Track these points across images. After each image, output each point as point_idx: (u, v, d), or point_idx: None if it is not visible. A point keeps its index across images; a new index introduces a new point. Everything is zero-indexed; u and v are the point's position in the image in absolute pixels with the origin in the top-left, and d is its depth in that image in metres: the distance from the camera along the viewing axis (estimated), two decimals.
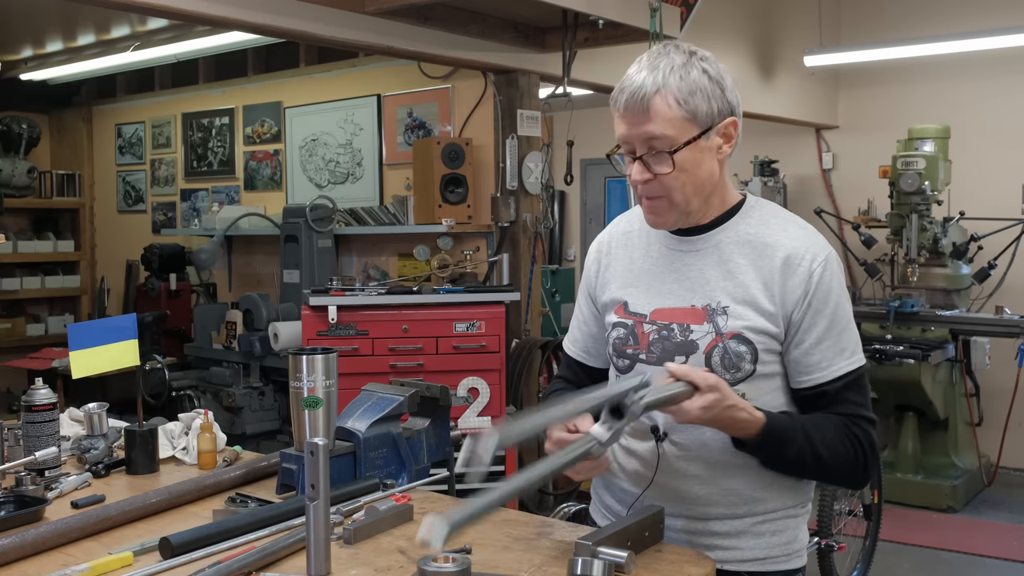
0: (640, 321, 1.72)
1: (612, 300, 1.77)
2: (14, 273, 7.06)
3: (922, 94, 6.77)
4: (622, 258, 1.80)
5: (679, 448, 1.68)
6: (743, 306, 1.63)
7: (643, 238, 1.78)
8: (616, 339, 1.75)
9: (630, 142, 1.64)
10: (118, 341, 2.18)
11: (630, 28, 4.16)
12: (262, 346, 5.06)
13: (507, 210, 4.67)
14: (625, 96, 1.61)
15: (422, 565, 1.43)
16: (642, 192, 1.66)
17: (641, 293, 1.73)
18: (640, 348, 1.71)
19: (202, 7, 3.39)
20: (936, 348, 5.37)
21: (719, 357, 1.63)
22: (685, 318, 1.67)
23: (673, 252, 1.72)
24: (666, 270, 1.72)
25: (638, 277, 1.75)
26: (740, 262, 1.66)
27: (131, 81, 7.22)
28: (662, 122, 1.59)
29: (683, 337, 1.66)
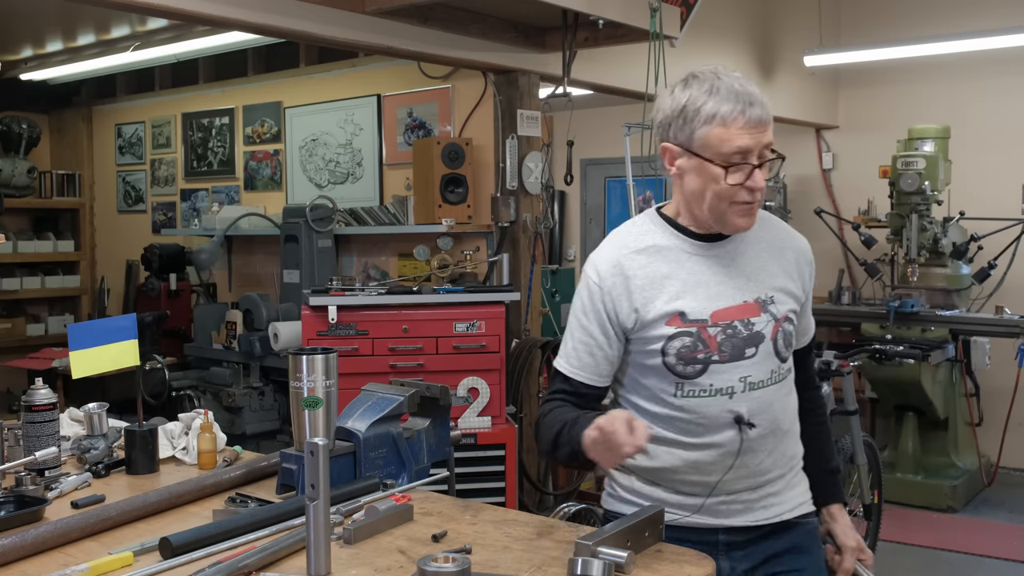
0: (703, 326, 1.82)
1: (662, 315, 1.83)
2: (14, 273, 7.06)
3: (922, 94, 6.77)
4: (652, 275, 1.85)
5: (760, 428, 1.84)
6: (781, 292, 1.88)
7: (665, 252, 1.87)
8: (681, 348, 1.82)
9: (754, 151, 1.76)
10: (118, 341, 2.18)
11: (630, 28, 4.16)
12: (262, 346, 5.06)
13: (507, 210, 4.66)
14: (757, 109, 1.75)
15: (422, 565, 1.43)
16: (751, 198, 1.78)
17: (695, 301, 1.83)
18: (711, 350, 1.81)
19: (202, 7, 3.39)
20: (936, 348, 5.37)
21: (781, 339, 1.86)
22: (743, 313, 1.84)
23: (707, 258, 1.86)
24: (708, 274, 1.85)
25: (682, 288, 1.84)
26: (763, 256, 1.89)
27: (131, 81, 7.22)
28: (771, 131, 1.78)
29: (747, 331, 1.83)
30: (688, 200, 1.84)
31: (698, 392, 1.82)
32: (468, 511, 1.90)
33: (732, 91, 1.75)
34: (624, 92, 5.11)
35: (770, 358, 1.84)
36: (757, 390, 1.83)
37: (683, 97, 1.78)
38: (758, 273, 1.87)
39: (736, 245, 1.88)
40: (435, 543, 1.71)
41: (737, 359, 1.82)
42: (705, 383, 1.82)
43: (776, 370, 1.86)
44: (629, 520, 1.66)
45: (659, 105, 1.85)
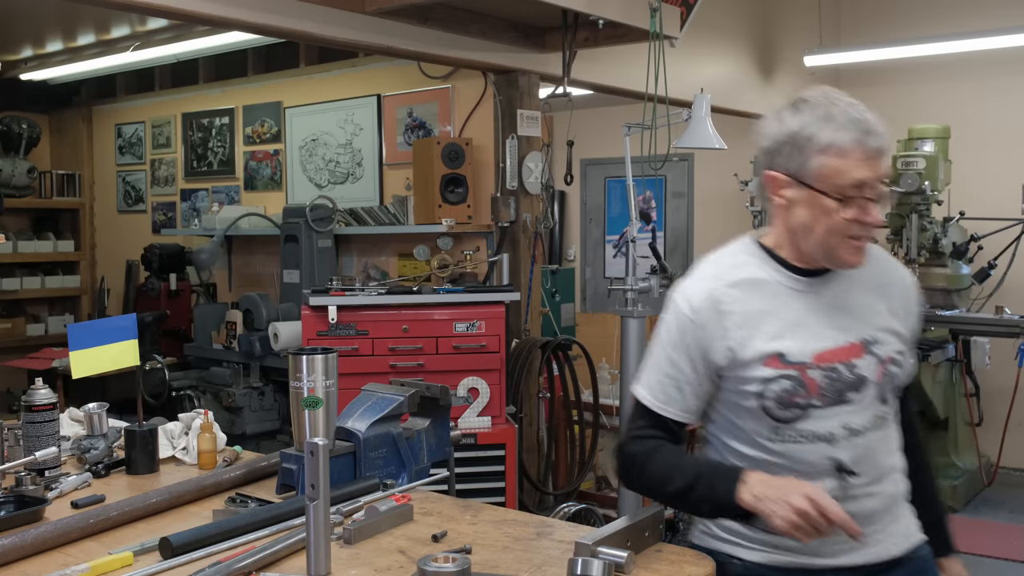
0: (804, 368, 1.70)
1: (759, 355, 1.71)
2: (14, 273, 7.06)
3: (922, 94, 6.77)
4: (749, 312, 1.74)
5: (865, 478, 1.72)
6: (885, 333, 1.76)
7: (760, 288, 1.75)
8: (782, 392, 1.70)
9: (872, 184, 1.65)
10: (118, 341, 2.19)
11: (630, 28, 4.16)
12: (262, 346, 5.06)
13: (507, 210, 4.66)
14: (879, 139, 1.64)
15: (422, 565, 1.43)
16: (864, 232, 1.68)
17: (794, 341, 1.71)
18: (811, 395, 1.70)
19: (202, 7, 3.39)
20: (936, 348, 5.37)
21: (888, 384, 1.74)
22: (846, 356, 1.72)
23: (809, 295, 1.75)
24: (809, 313, 1.74)
25: (784, 326, 1.73)
26: (869, 294, 1.78)
27: (131, 81, 7.22)
28: (887, 161, 1.69)
29: (850, 374, 1.71)
30: (794, 232, 1.72)
31: (796, 438, 1.71)
32: (468, 511, 1.90)
33: (849, 118, 1.64)
34: (624, 92, 5.11)
35: (873, 403, 1.73)
36: (859, 436, 1.71)
37: (794, 123, 1.67)
38: (863, 312, 1.75)
39: (840, 282, 1.76)
40: (435, 543, 1.71)
41: (838, 404, 1.70)
42: (804, 428, 1.71)
43: (879, 414, 1.74)
44: (629, 520, 1.66)
45: (764, 130, 1.75)
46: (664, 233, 7.99)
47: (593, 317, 7.83)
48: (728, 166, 6.95)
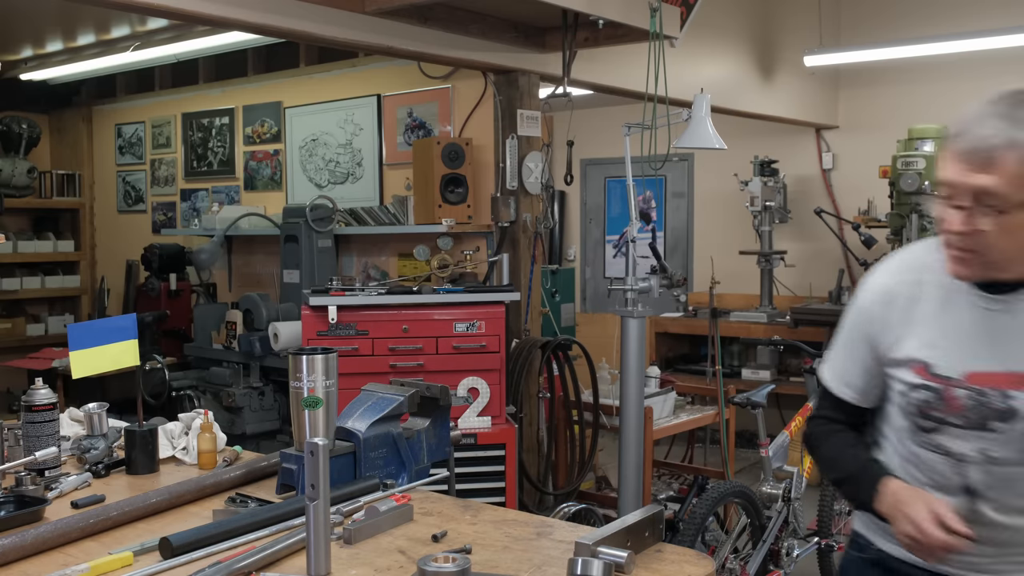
0: (949, 385, 1.63)
1: (909, 359, 1.67)
2: (14, 273, 7.06)
3: (922, 94, 6.77)
4: (916, 311, 1.68)
5: (997, 504, 1.64)
6: None
7: (939, 290, 1.66)
8: (921, 402, 1.66)
9: (957, 187, 1.52)
10: (118, 341, 2.19)
11: (630, 28, 4.15)
12: (262, 346, 5.06)
13: (507, 210, 4.66)
14: (970, 140, 1.51)
15: (422, 565, 1.43)
16: (955, 242, 1.55)
17: (948, 355, 1.63)
18: (950, 412, 1.63)
19: (202, 7, 3.39)
20: None
21: None
22: (1004, 383, 1.59)
23: (983, 311, 1.62)
24: (979, 329, 1.62)
25: (943, 336, 1.64)
26: None
27: (131, 81, 7.22)
28: (1004, 178, 1.47)
29: (1003, 404, 1.59)
30: None
31: (931, 447, 1.68)
32: (468, 511, 1.90)
33: (974, 114, 1.55)
34: (624, 92, 5.11)
35: (1022, 439, 1.59)
36: (1000, 467, 1.61)
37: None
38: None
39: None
40: (435, 543, 1.71)
41: (979, 429, 1.60)
42: (939, 442, 1.66)
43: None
44: (629, 520, 1.66)
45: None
46: (664, 233, 7.99)
47: (593, 317, 7.84)
48: (728, 166, 6.96)
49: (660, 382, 5.02)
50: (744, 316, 6.63)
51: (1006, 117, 1.49)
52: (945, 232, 1.56)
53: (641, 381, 3.87)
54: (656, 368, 5.09)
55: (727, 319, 6.63)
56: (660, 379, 5.05)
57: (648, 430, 4.25)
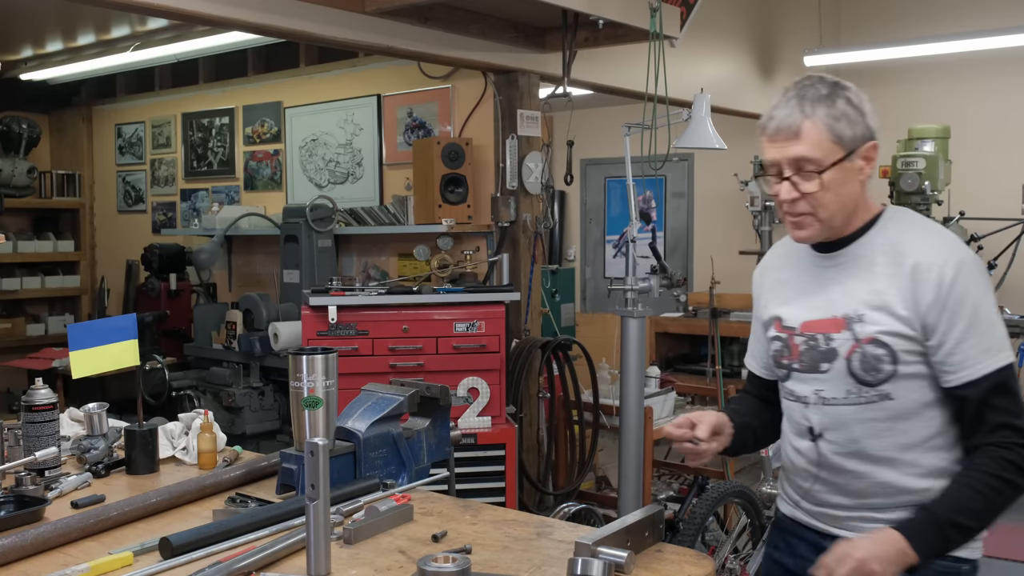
0: (792, 334, 1.89)
1: (771, 317, 1.95)
2: (14, 273, 7.06)
3: (922, 94, 6.77)
4: (778, 279, 1.98)
5: (835, 446, 1.83)
6: (879, 312, 1.76)
7: (794, 258, 1.95)
8: (774, 351, 1.94)
9: (779, 164, 1.78)
10: (118, 341, 2.19)
11: (630, 28, 4.16)
12: (262, 346, 5.06)
13: (507, 210, 4.66)
14: (776, 122, 1.77)
15: (422, 565, 1.43)
16: (788, 209, 1.81)
17: (793, 308, 1.90)
18: (793, 359, 1.89)
19: (202, 7, 3.39)
20: None
21: (858, 361, 1.78)
22: (828, 328, 1.82)
23: (818, 268, 1.88)
24: (813, 285, 1.88)
25: (792, 294, 1.92)
26: (876, 271, 1.79)
27: (131, 81, 7.22)
28: (811, 144, 1.74)
29: (826, 346, 1.82)
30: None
31: (787, 395, 1.93)
32: (468, 511, 1.90)
33: (773, 102, 1.80)
34: (624, 92, 5.11)
35: (844, 377, 1.79)
36: (830, 406, 1.82)
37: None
38: (858, 288, 1.80)
39: (856, 255, 1.83)
40: (435, 543, 1.71)
41: (813, 371, 1.84)
42: (789, 388, 1.91)
43: (855, 391, 1.79)
44: (629, 520, 1.66)
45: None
46: (664, 233, 7.99)
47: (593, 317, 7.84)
48: (728, 166, 6.96)
49: (660, 382, 5.02)
50: (744, 316, 6.63)
51: (798, 97, 1.77)
52: (780, 204, 1.81)
53: (641, 381, 3.87)
54: (656, 368, 5.09)
55: (727, 319, 6.63)
56: (660, 379, 5.05)
57: (648, 430, 4.25)
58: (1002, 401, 1.71)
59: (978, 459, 1.71)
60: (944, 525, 1.68)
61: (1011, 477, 1.68)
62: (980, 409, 1.72)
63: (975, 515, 1.69)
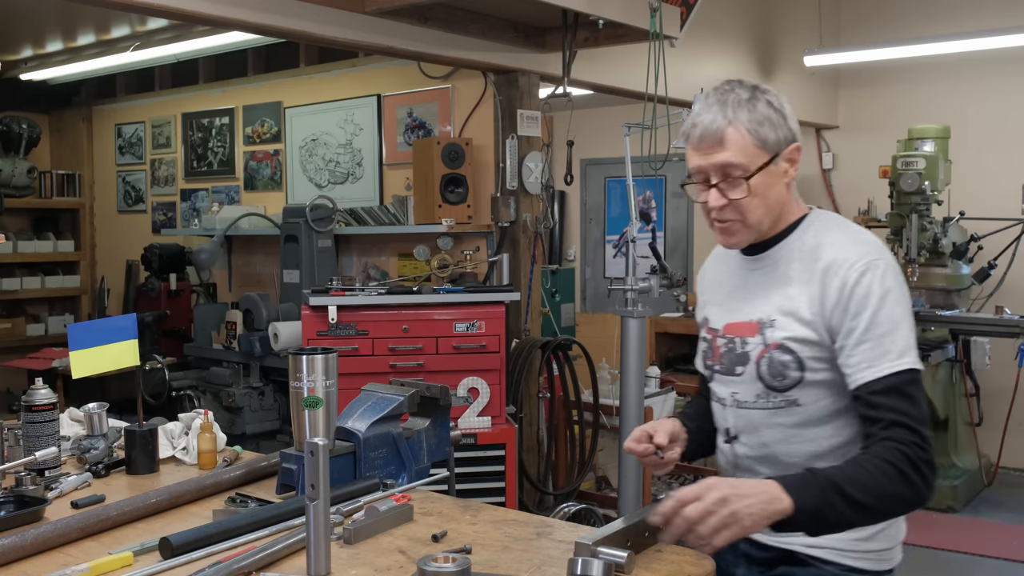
0: (716, 335, 1.92)
1: (703, 318, 1.98)
2: (14, 273, 7.06)
3: (922, 94, 6.77)
4: (712, 280, 2.01)
5: (748, 448, 1.86)
6: (787, 317, 1.77)
7: (728, 260, 1.96)
8: (702, 352, 1.97)
9: (705, 171, 1.77)
10: (118, 341, 2.18)
11: (630, 28, 4.16)
12: (262, 346, 5.06)
13: (507, 210, 4.66)
14: (700, 130, 1.75)
15: (422, 565, 1.43)
16: (716, 216, 1.80)
17: (719, 310, 1.93)
18: (715, 360, 1.91)
19: (202, 7, 3.39)
20: (936, 348, 5.37)
21: (766, 367, 1.79)
22: (744, 331, 1.84)
23: (744, 271, 1.90)
24: (737, 288, 1.90)
25: (720, 296, 1.95)
26: (792, 275, 1.80)
27: (131, 81, 7.22)
28: (736, 151, 1.73)
29: (741, 349, 1.84)
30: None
31: (712, 395, 1.95)
32: (468, 511, 1.90)
33: (695, 109, 1.80)
34: (624, 92, 5.11)
35: (754, 382, 1.81)
36: (744, 409, 1.85)
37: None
38: (773, 293, 1.81)
39: (775, 260, 1.83)
40: (435, 543, 1.71)
41: (730, 374, 1.87)
42: (713, 389, 1.94)
43: (764, 396, 1.80)
44: (629, 520, 1.66)
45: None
46: (664, 233, 7.99)
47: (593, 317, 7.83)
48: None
49: (660, 382, 5.02)
50: None
51: (719, 103, 1.75)
52: (708, 212, 1.80)
53: (641, 381, 3.88)
54: (656, 368, 5.10)
55: None
56: (660, 379, 5.05)
57: None
58: (900, 403, 1.63)
59: (871, 448, 1.63)
60: (825, 484, 1.56)
61: (903, 468, 1.59)
62: (876, 411, 1.65)
63: (861, 487, 1.57)
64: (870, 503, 1.58)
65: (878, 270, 1.70)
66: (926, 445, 1.62)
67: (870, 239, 1.78)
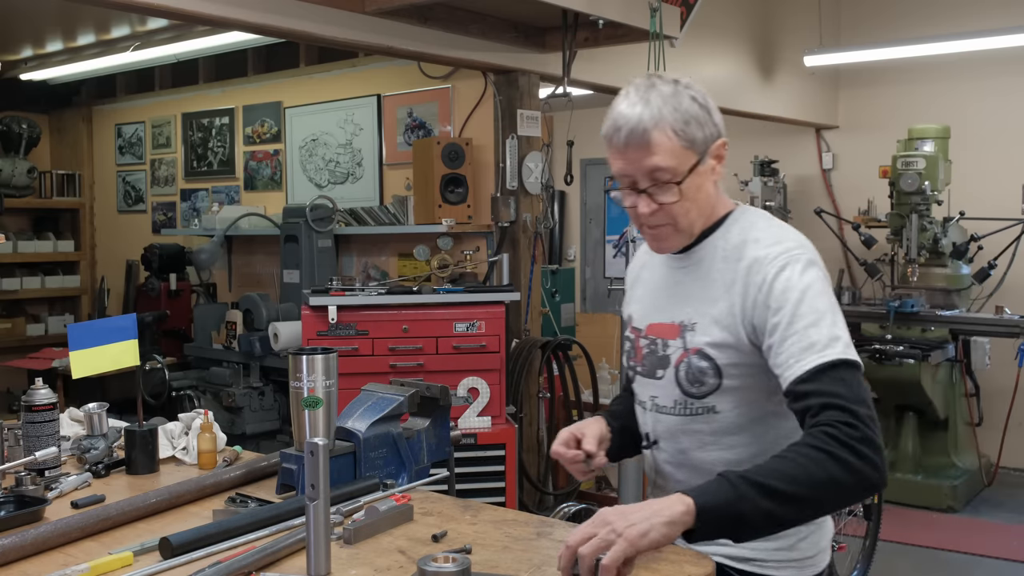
0: (639, 335, 1.85)
1: (628, 317, 1.92)
2: (14, 273, 7.06)
3: (922, 94, 6.77)
4: (638, 278, 1.94)
5: (666, 454, 1.81)
6: (708, 321, 1.70)
7: (658, 257, 1.87)
8: (625, 351, 1.90)
9: (632, 176, 1.69)
10: (118, 341, 2.18)
11: (630, 28, 4.16)
12: (262, 346, 5.06)
13: (507, 210, 4.66)
14: (624, 133, 1.65)
15: (422, 565, 1.43)
16: (647, 222, 1.71)
17: (643, 308, 1.86)
18: (637, 361, 1.84)
19: (202, 7, 3.39)
20: (936, 348, 5.37)
21: (684, 372, 1.72)
22: (666, 333, 1.77)
23: (670, 269, 1.82)
24: (662, 287, 1.83)
25: (644, 295, 1.88)
26: (715, 276, 1.72)
27: (131, 81, 7.22)
28: (665, 154, 1.64)
29: (663, 352, 1.77)
30: None
31: (636, 397, 1.89)
32: (468, 511, 1.90)
33: (615, 109, 1.67)
34: None
35: (673, 387, 1.74)
36: (662, 414, 1.78)
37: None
38: (696, 294, 1.73)
39: (699, 259, 1.75)
40: (435, 543, 1.71)
41: (651, 376, 1.79)
42: (635, 390, 1.88)
43: (681, 402, 1.73)
44: None
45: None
46: None
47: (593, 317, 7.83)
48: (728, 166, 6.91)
49: None
50: None
51: (642, 102, 1.64)
52: (637, 217, 1.72)
53: None
54: None
55: None
56: None
57: None
58: (828, 386, 1.51)
59: (802, 438, 1.51)
60: (736, 481, 1.44)
61: (831, 449, 1.45)
62: (804, 400, 1.53)
63: (782, 477, 1.44)
64: (799, 492, 1.44)
65: (798, 264, 1.63)
66: (860, 423, 1.47)
67: (792, 235, 1.71)
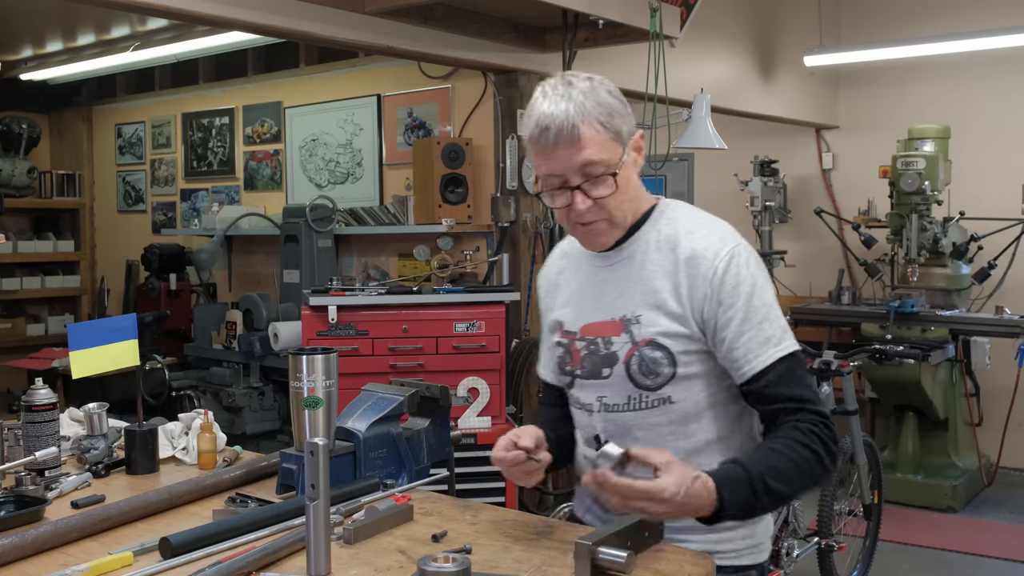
0: (573, 339, 1.82)
1: (554, 322, 1.88)
2: (14, 273, 7.06)
3: (922, 94, 6.77)
4: (562, 283, 1.90)
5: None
6: (654, 312, 1.70)
7: (573, 260, 1.88)
8: (558, 357, 1.86)
9: (563, 175, 1.67)
10: (118, 341, 2.18)
11: (630, 28, 4.16)
12: (262, 346, 5.06)
13: (507, 210, 4.67)
14: (553, 131, 1.64)
15: (422, 565, 1.43)
16: (579, 219, 1.71)
17: (573, 312, 1.83)
18: (575, 364, 1.82)
19: (202, 7, 3.39)
20: (936, 348, 5.37)
21: (637, 365, 1.71)
22: (606, 331, 1.76)
23: (596, 269, 1.81)
24: (589, 287, 1.81)
25: (571, 298, 1.85)
26: (650, 268, 1.72)
27: (131, 81, 7.22)
28: (595, 147, 1.65)
29: (606, 350, 1.75)
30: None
31: (573, 403, 1.86)
32: (468, 511, 1.90)
33: (537, 110, 1.67)
34: (624, 92, 5.10)
35: (624, 383, 1.73)
36: (613, 412, 1.76)
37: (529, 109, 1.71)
38: (634, 288, 1.73)
39: (631, 253, 1.75)
40: (435, 543, 1.71)
41: (595, 377, 1.77)
42: (575, 396, 1.85)
43: (636, 396, 1.73)
44: (629, 520, 1.66)
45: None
46: None
47: None
48: (728, 166, 6.95)
49: None
50: None
51: (564, 98, 1.67)
52: (569, 215, 1.70)
53: None
54: None
55: None
56: None
57: None
58: (795, 390, 1.64)
59: (785, 431, 1.62)
60: (756, 481, 1.56)
61: (817, 449, 1.60)
62: (774, 403, 1.64)
63: (784, 479, 1.58)
64: (790, 492, 1.61)
65: (741, 257, 1.67)
66: (830, 423, 1.63)
67: (721, 224, 1.74)
